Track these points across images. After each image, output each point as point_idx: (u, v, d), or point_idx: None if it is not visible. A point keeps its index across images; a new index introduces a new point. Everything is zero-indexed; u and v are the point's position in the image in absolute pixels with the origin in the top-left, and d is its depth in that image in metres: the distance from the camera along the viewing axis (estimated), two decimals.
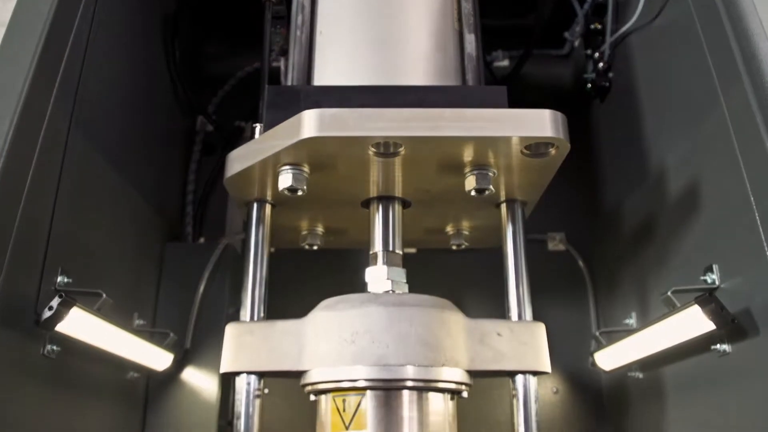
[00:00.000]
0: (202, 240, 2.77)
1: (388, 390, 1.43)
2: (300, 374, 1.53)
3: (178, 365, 2.40)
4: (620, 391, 2.46)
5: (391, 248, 1.67)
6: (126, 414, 2.26)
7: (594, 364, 2.38)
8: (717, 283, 1.70)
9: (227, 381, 2.38)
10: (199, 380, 2.41)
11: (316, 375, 1.48)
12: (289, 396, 2.60)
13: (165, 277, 2.53)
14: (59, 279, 1.72)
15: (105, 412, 2.10)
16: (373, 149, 1.48)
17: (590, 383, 2.65)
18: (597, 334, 2.33)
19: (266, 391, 2.57)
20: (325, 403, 1.51)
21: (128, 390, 2.27)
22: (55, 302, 1.53)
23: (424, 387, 1.45)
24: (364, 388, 1.43)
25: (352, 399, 1.45)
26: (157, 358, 2.23)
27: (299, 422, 2.52)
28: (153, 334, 2.24)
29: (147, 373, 2.36)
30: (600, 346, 2.29)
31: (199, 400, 2.39)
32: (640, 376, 2.25)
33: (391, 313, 1.44)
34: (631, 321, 2.26)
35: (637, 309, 2.26)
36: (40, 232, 1.67)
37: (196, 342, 2.44)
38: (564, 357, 2.35)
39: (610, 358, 2.25)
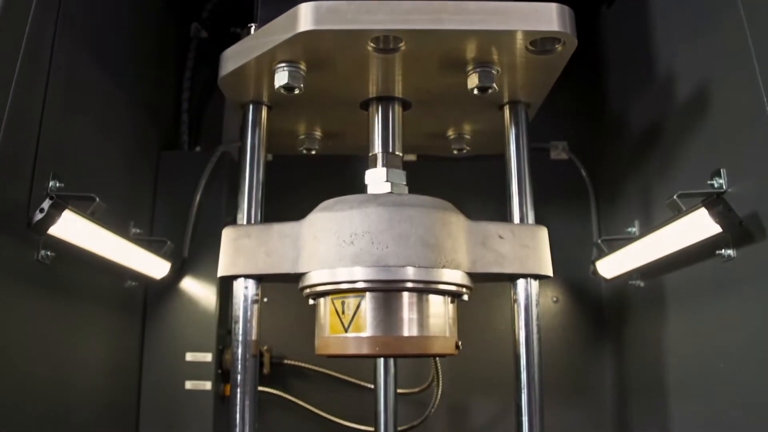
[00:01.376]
0: (198, 149, 2.72)
1: (387, 291, 1.41)
2: (298, 277, 1.51)
3: (177, 275, 2.39)
4: (620, 299, 2.46)
5: (390, 150, 1.62)
6: (125, 323, 2.26)
7: (595, 272, 2.37)
8: (724, 187, 1.66)
9: (226, 290, 2.37)
10: (198, 290, 2.41)
11: (314, 277, 1.45)
12: (288, 304, 2.60)
13: (161, 186, 2.50)
14: (51, 184, 1.68)
15: (103, 321, 2.10)
16: (372, 44, 1.41)
17: (590, 292, 2.65)
18: (599, 241, 2.31)
19: (265, 299, 2.59)
20: (324, 306, 1.49)
21: (126, 299, 2.27)
22: (46, 204, 1.50)
23: (424, 289, 1.42)
24: (364, 290, 1.41)
25: (351, 301, 1.42)
26: (154, 266, 2.21)
27: (298, 330, 2.53)
28: (150, 243, 2.22)
29: (145, 282, 2.35)
30: (601, 254, 2.27)
31: (198, 310, 2.39)
32: (641, 284, 2.24)
33: (391, 214, 1.40)
34: (634, 229, 2.24)
35: (640, 217, 2.23)
36: (29, 135, 1.62)
37: (194, 251, 2.42)
38: (564, 266, 2.34)
39: (611, 266, 2.24)
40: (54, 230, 1.57)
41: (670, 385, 2.04)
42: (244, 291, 1.59)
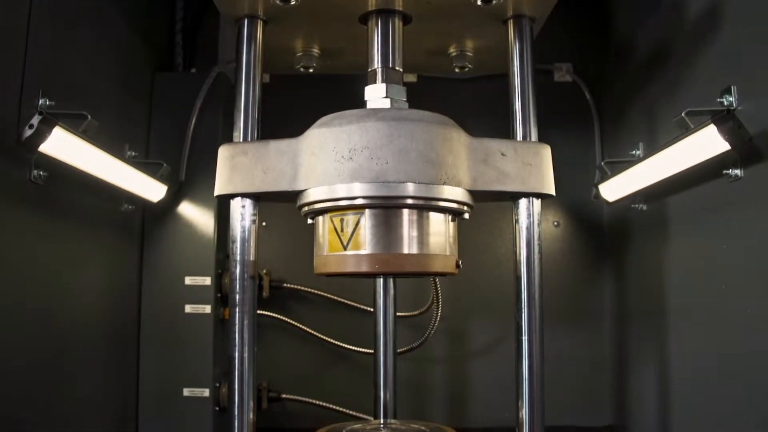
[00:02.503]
0: (193, 70, 2.65)
1: (387, 208, 1.38)
2: (296, 195, 1.48)
3: (174, 198, 2.36)
4: (622, 224, 2.44)
5: (390, 65, 1.57)
6: (123, 247, 2.24)
7: (597, 195, 2.34)
8: (734, 105, 1.61)
9: (224, 214, 2.34)
10: (196, 213, 2.38)
11: (312, 194, 1.42)
12: (288, 228, 2.59)
13: (156, 108, 2.44)
14: (41, 102, 1.63)
15: (101, 245, 2.07)
16: None
17: (592, 217, 2.62)
18: (602, 164, 2.28)
19: (264, 224, 2.57)
20: (323, 224, 1.47)
21: (124, 222, 2.24)
22: (35, 120, 1.45)
23: (425, 206, 1.39)
24: (363, 207, 1.38)
25: (350, 218, 1.40)
26: (150, 188, 2.18)
27: (298, 254, 2.52)
28: (146, 165, 2.18)
29: (142, 206, 2.33)
30: (604, 177, 2.24)
31: (196, 233, 2.37)
32: (644, 207, 2.21)
33: (390, 128, 1.36)
34: (638, 152, 2.19)
35: (644, 140, 2.19)
36: (15, 51, 1.57)
37: (191, 174, 2.39)
38: (566, 190, 2.29)
39: (614, 188, 2.21)
40: (45, 148, 1.53)
41: (670, 308, 2.03)
42: (241, 210, 1.57)
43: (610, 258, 2.57)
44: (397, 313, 2.00)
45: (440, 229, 1.44)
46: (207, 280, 2.34)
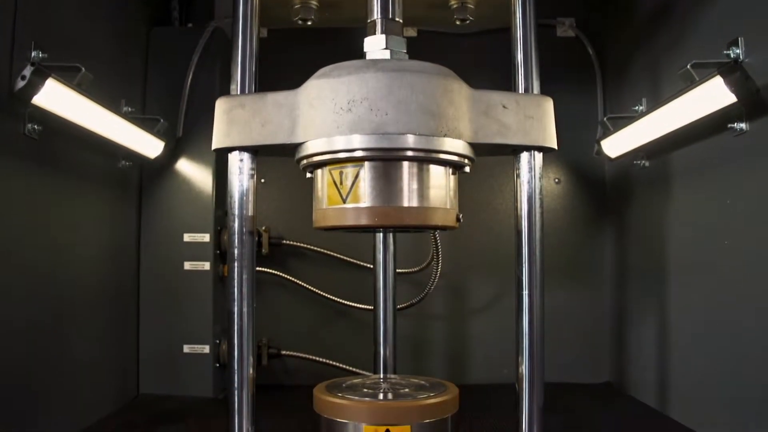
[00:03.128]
0: (189, 25, 2.60)
1: (386, 160, 1.36)
2: (294, 148, 1.45)
3: (171, 155, 2.34)
4: (624, 180, 2.42)
5: (390, 15, 1.53)
6: (120, 204, 2.23)
7: (599, 152, 2.32)
8: (741, 57, 1.58)
9: (223, 170, 2.32)
10: (194, 170, 2.36)
11: (311, 147, 1.39)
12: (286, 185, 2.57)
13: (152, 63, 2.41)
14: (33, 54, 1.60)
15: (98, 202, 2.06)
16: None
17: (593, 174, 2.60)
18: (604, 120, 2.25)
19: (263, 180, 2.56)
20: (322, 177, 1.44)
21: (121, 179, 2.22)
22: (27, 71, 1.42)
23: (425, 158, 1.37)
24: (362, 159, 1.35)
25: (349, 171, 1.37)
26: (148, 144, 2.16)
27: (297, 211, 2.51)
28: (143, 121, 2.15)
29: (139, 163, 2.31)
30: (607, 133, 2.21)
31: (194, 190, 2.36)
32: (646, 164, 2.19)
33: (390, 79, 1.33)
34: (641, 108, 2.16)
35: (648, 95, 2.16)
36: (6, 0, 1.53)
37: (188, 131, 2.36)
38: (567, 147, 2.25)
39: (616, 144, 2.18)
40: (38, 100, 1.50)
41: (671, 265, 2.03)
42: (239, 164, 1.54)
43: (611, 215, 2.56)
44: (397, 270, 1.99)
45: (441, 182, 1.42)
46: (206, 237, 2.33)
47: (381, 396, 1.60)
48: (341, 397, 1.55)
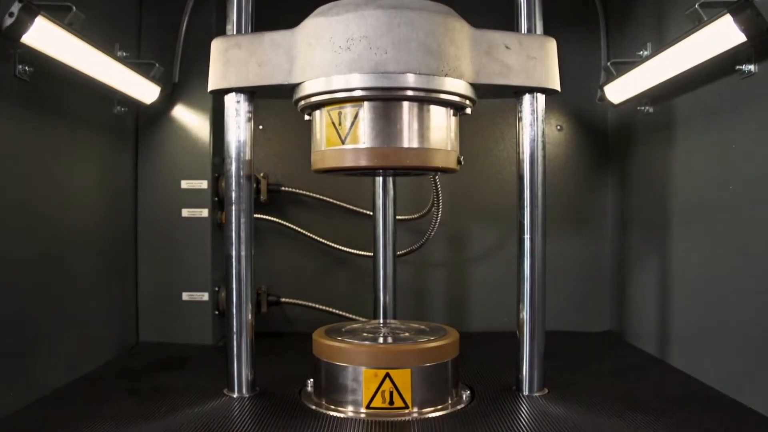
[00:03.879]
0: None
1: (386, 100, 1.33)
2: (292, 89, 1.42)
3: (168, 101, 2.30)
4: (627, 127, 2.38)
5: None
6: (116, 149, 2.19)
7: (602, 98, 2.28)
8: None
9: (220, 116, 2.29)
10: (191, 116, 2.32)
11: (309, 87, 1.37)
12: (284, 132, 2.54)
13: (146, 7, 2.35)
14: None
15: (92, 145, 2.02)
16: None
17: (596, 120, 2.56)
18: (608, 64, 2.20)
19: (261, 127, 2.52)
20: (320, 118, 1.42)
21: (116, 125, 2.19)
22: (15, 8, 1.37)
23: (426, 98, 1.34)
24: (361, 99, 1.33)
25: (348, 111, 1.35)
26: (143, 89, 2.12)
27: (295, 158, 2.48)
28: (138, 66, 2.10)
29: (135, 109, 2.27)
30: (610, 78, 2.17)
31: (191, 137, 2.32)
32: (650, 110, 2.15)
33: (390, 16, 1.30)
34: (646, 52, 2.12)
35: (653, 39, 2.11)
36: None
37: (184, 76, 2.32)
38: (569, 94, 2.21)
39: (620, 89, 2.14)
40: (28, 39, 1.46)
41: (674, 213, 2.00)
42: (236, 106, 1.52)
43: (614, 162, 2.53)
44: (397, 217, 1.97)
45: (442, 123, 1.39)
46: (203, 184, 2.31)
47: (381, 340, 1.60)
48: (341, 341, 1.55)
